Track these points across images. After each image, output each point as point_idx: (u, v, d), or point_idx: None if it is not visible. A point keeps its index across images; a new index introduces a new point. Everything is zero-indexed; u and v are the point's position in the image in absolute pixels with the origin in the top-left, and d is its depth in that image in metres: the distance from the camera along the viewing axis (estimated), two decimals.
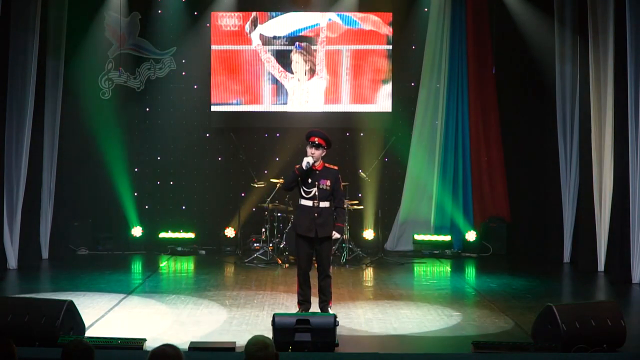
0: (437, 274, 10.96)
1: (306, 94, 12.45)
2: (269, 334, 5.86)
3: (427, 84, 12.40)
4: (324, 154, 7.55)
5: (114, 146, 12.29)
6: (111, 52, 12.41)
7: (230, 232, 12.06)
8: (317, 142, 7.46)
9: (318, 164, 7.55)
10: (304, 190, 7.52)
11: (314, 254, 7.58)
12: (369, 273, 10.66)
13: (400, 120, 12.58)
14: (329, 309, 7.51)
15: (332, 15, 12.37)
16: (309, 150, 7.50)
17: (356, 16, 12.41)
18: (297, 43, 12.39)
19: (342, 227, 7.66)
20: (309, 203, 7.50)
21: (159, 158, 12.50)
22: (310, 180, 7.49)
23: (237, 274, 10.37)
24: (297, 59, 12.43)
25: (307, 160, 7.40)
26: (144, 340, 6.09)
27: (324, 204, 7.51)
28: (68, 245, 11.85)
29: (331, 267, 7.79)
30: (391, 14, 12.42)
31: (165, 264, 11.15)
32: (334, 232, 7.55)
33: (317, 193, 7.48)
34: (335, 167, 7.69)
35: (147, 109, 12.54)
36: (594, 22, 10.29)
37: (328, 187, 7.50)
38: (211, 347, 6.01)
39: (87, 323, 6.78)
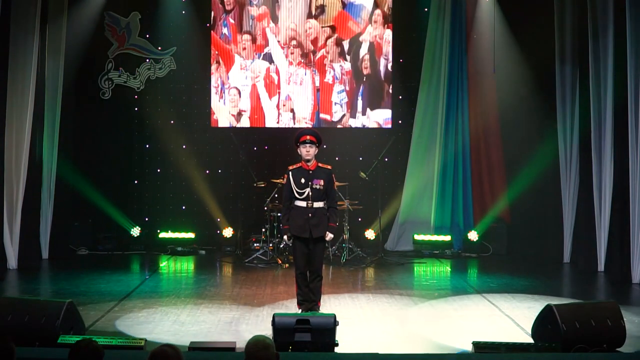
0: (437, 274, 10.95)
1: (306, 92, 12.46)
2: (269, 334, 5.86)
3: (427, 84, 12.41)
4: (317, 152, 7.56)
5: (113, 146, 12.31)
6: (111, 52, 12.42)
7: (228, 232, 12.05)
8: (310, 140, 7.47)
9: (311, 164, 7.55)
10: (297, 191, 7.51)
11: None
12: (369, 273, 10.65)
13: (400, 120, 12.58)
14: (318, 309, 7.52)
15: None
16: (303, 150, 7.50)
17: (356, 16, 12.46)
18: (294, 40, 12.42)
19: (335, 228, 7.65)
20: (303, 204, 7.49)
21: (158, 158, 12.50)
22: (303, 181, 7.49)
23: (237, 274, 10.37)
24: (295, 57, 12.44)
25: (285, 240, 7.97)
26: (144, 340, 6.09)
27: (318, 204, 7.50)
28: (68, 245, 11.85)
29: (324, 267, 7.80)
30: (391, 14, 12.45)
31: (165, 264, 11.15)
32: (327, 233, 7.55)
33: (310, 193, 7.47)
34: (329, 167, 7.68)
35: (147, 109, 12.55)
36: (594, 21, 10.28)
37: (321, 187, 7.48)
38: (211, 347, 6.00)
39: (87, 323, 6.79)
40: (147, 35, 12.43)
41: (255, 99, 12.44)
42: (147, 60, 12.47)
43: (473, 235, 12.16)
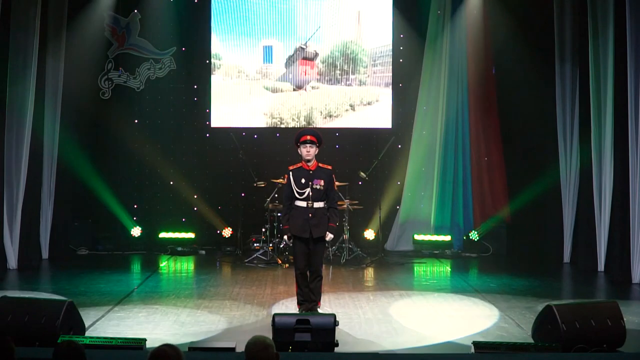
0: (437, 274, 10.95)
1: (305, 93, 12.47)
2: (269, 334, 5.85)
3: (427, 84, 12.41)
4: (317, 152, 7.56)
5: (113, 146, 12.31)
6: (111, 52, 12.42)
7: (227, 232, 12.05)
8: (310, 140, 7.47)
9: (312, 164, 7.55)
10: (297, 192, 7.51)
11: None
12: (369, 273, 10.65)
13: (400, 120, 12.59)
14: (318, 309, 7.53)
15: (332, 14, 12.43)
16: (304, 150, 7.51)
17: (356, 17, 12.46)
18: (301, 46, 12.43)
19: (335, 228, 7.65)
20: (303, 204, 7.49)
21: (159, 158, 12.50)
22: (303, 181, 7.49)
23: (237, 274, 10.37)
24: (295, 56, 12.46)
25: (285, 240, 8.07)
26: (144, 340, 6.09)
27: (318, 204, 7.50)
28: (68, 245, 11.86)
29: (324, 267, 7.81)
30: (391, 14, 12.47)
31: (165, 264, 11.15)
32: (327, 233, 7.54)
33: (310, 193, 7.48)
34: (329, 167, 7.68)
35: (147, 109, 12.55)
36: (594, 22, 10.29)
37: (322, 187, 7.49)
38: (211, 347, 6.00)
39: (87, 323, 6.79)
40: (147, 35, 12.43)
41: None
42: (147, 60, 12.47)
43: (473, 235, 12.16)
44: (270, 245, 11.31)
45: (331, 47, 12.50)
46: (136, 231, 12.20)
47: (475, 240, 12.15)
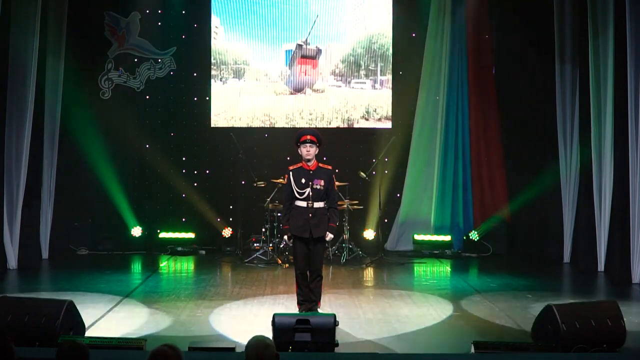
0: (437, 274, 10.95)
1: (304, 97, 12.47)
2: (269, 334, 5.85)
3: (427, 84, 12.40)
4: (317, 152, 7.56)
5: (113, 146, 12.30)
6: (111, 52, 12.42)
7: (227, 232, 12.06)
8: (310, 140, 7.48)
9: (312, 164, 7.55)
10: (297, 192, 7.51)
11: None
12: (369, 273, 10.65)
13: (400, 120, 12.58)
14: (318, 309, 7.53)
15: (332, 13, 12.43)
16: (304, 150, 7.51)
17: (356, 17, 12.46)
18: (298, 43, 12.43)
19: (335, 228, 7.65)
20: (303, 204, 7.50)
21: (158, 158, 12.49)
22: (303, 181, 7.49)
23: (237, 274, 10.37)
24: (297, 56, 12.46)
25: (285, 240, 8.16)
26: (144, 340, 6.09)
27: (318, 204, 7.50)
28: (68, 245, 11.87)
29: (324, 267, 7.82)
30: (391, 14, 12.46)
31: (165, 264, 11.15)
32: (327, 233, 7.54)
33: (310, 193, 7.48)
34: (329, 167, 7.69)
35: (147, 109, 12.55)
36: (594, 22, 10.28)
37: (322, 187, 7.49)
38: (211, 347, 6.00)
39: (87, 323, 6.78)
40: (147, 35, 12.43)
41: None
42: (147, 60, 12.47)
43: (473, 235, 12.16)
44: (270, 245, 11.32)
45: (353, 43, 12.43)
46: (136, 231, 12.20)
47: (475, 240, 12.15)
